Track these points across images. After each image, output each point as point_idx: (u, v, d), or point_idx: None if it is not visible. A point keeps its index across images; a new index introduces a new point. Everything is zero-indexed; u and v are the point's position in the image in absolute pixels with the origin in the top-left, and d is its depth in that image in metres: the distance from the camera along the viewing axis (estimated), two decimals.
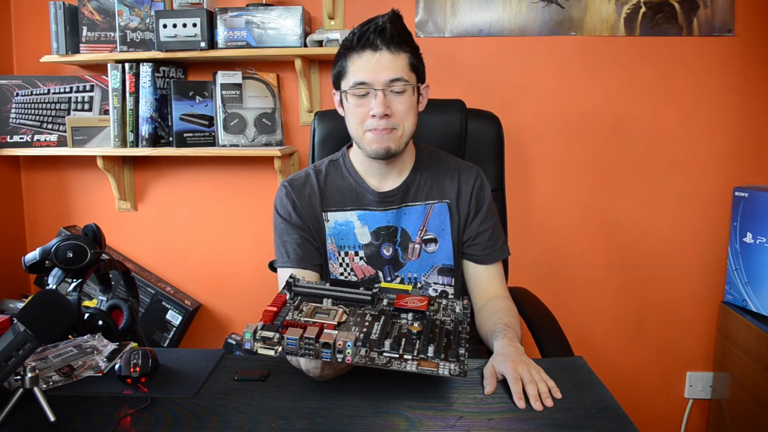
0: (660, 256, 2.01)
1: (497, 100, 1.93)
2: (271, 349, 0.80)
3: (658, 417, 2.07)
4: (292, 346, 0.79)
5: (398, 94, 1.13)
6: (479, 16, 1.94)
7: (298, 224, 1.22)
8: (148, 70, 1.91)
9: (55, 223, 2.10)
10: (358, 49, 1.13)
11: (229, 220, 2.12)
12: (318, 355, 0.79)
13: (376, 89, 1.12)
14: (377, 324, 0.88)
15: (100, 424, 0.83)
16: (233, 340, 2.07)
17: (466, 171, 1.27)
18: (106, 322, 1.17)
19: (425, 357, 0.82)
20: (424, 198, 1.24)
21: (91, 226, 1.24)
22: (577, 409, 0.86)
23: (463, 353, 0.83)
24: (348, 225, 1.23)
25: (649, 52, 1.91)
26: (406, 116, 1.15)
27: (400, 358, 0.81)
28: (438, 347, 0.83)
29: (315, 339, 0.79)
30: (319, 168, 1.28)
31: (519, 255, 1.32)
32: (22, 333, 0.82)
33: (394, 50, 1.12)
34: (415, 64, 1.16)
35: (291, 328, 0.81)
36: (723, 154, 1.94)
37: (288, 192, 1.24)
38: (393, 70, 1.12)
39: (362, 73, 1.12)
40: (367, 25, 1.12)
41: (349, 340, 0.79)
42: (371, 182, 1.24)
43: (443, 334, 0.87)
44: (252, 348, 0.81)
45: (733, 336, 1.86)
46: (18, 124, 2.00)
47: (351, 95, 1.15)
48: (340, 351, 0.79)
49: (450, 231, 1.24)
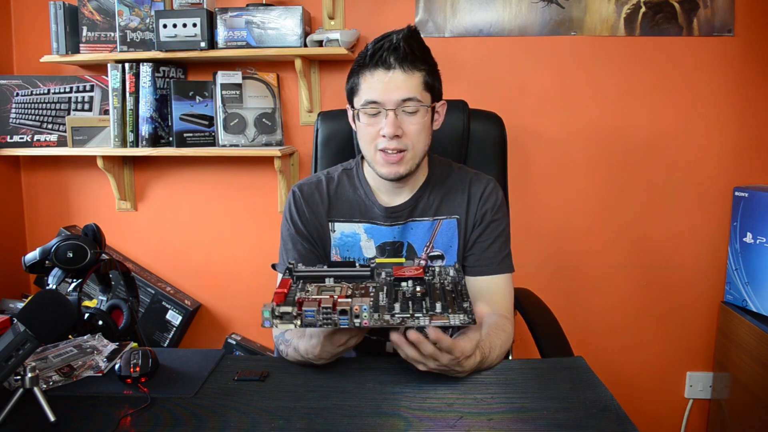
0: (660, 256, 2.00)
1: (497, 100, 1.93)
2: (290, 323, 0.83)
3: (658, 417, 2.07)
4: (310, 317, 0.83)
5: (410, 114, 1.09)
6: (479, 16, 1.94)
7: (303, 233, 1.21)
8: (148, 70, 1.91)
9: (55, 223, 2.10)
10: (371, 67, 1.09)
11: (229, 220, 2.12)
12: (336, 323, 0.83)
13: (388, 109, 1.08)
14: (382, 293, 0.91)
15: (100, 424, 0.83)
16: (233, 340, 2.07)
17: (476, 183, 1.23)
18: (106, 322, 1.17)
19: (435, 312, 0.86)
20: (433, 214, 1.21)
21: (91, 226, 1.24)
22: (577, 409, 0.86)
23: (467, 305, 0.88)
24: (355, 237, 1.22)
25: (649, 52, 1.91)
26: (418, 137, 1.11)
27: (411, 317, 0.85)
28: (444, 303, 0.88)
29: (332, 308, 0.83)
30: (332, 175, 1.25)
31: (520, 255, 1.32)
32: (22, 333, 0.82)
33: (407, 69, 1.08)
34: (430, 83, 1.12)
35: (307, 302, 0.84)
36: (723, 154, 1.94)
37: (297, 198, 1.23)
38: (405, 89, 1.08)
39: (374, 91, 1.09)
40: (382, 42, 1.08)
41: (364, 304, 0.83)
42: (382, 198, 1.21)
43: (445, 293, 0.92)
44: (272, 325, 0.84)
45: (733, 336, 1.86)
46: (18, 124, 2.00)
47: (362, 113, 1.12)
48: (357, 315, 0.83)
49: (457, 248, 1.21)
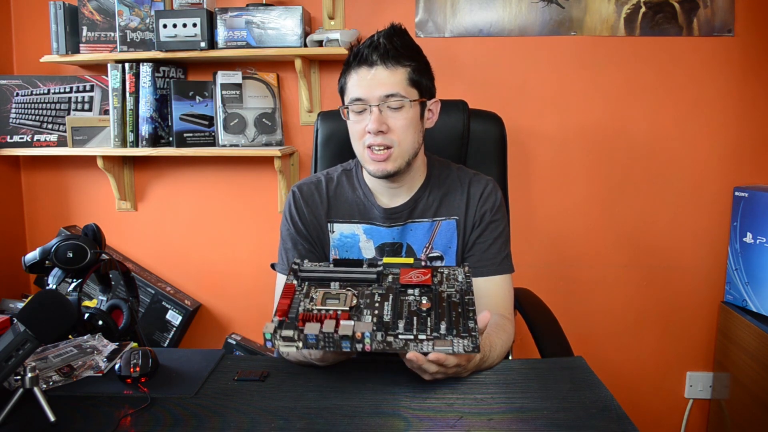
0: (660, 255, 2.00)
1: (497, 100, 1.93)
2: (292, 346, 0.82)
3: (658, 417, 2.07)
4: (312, 341, 0.82)
5: (395, 110, 1.11)
6: (479, 16, 1.94)
7: (303, 233, 1.22)
8: (148, 70, 1.91)
9: (55, 223, 2.10)
10: (355, 66, 1.12)
11: (229, 220, 2.12)
12: (338, 346, 0.82)
13: (372, 105, 1.10)
14: (387, 304, 0.90)
15: (100, 424, 0.83)
16: (233, 340, 2.07)
17: (476, 183, 1.23)
18: (106, 322, 1.17)
19: (439, 335, 0.84)
20: (432, 215, 1.22)
21: (91, 226, 1.24)
22: (577, 409, 0.86)
23: (473, 326, 0.86)
24: (354, 238, 1.22)
25: (649, 52, 1.91)
26: (404, 133, 1.12)
27: (415, 339, 0.83)
28: (449, 324, 0.86)
29: (333, 332, 0.82)
30: (331, 176, 1.26)
31: (520, 255, 1.32)
32: (22, 333, 0.82)
33: (390, 65, 1.10)
34: (416, 79, 1.13)
35: (309, 323, 0.83)
36: (723, 154, 1.94)
37: (297, 198, 1.23)
38: (389, 85, 1.10)
39: (358, 89, 1.11)
40: (367, 41, 1.12)
41: (366, 330, 0.81)
42: (381, 199, 1.22)
43: (451, 307, 0.90)
44: (273, 347, 0.83)
45: (733, 336, 1.86)
46: (18, 124, 2.00)
47: (351, 112, 1.14)
48: (359, 341, 0.82)
49: (456, 248, 1.22)
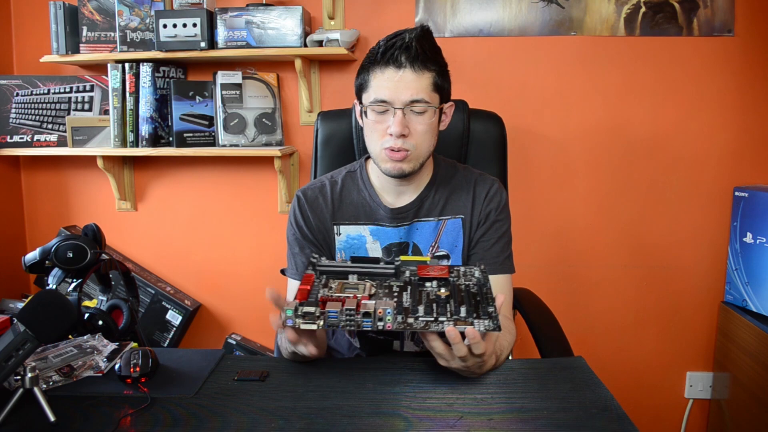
0: (660, 255, 2.01)
1: (497, 100, 1.93)
2: (313, 324, 0.83)
3: (658, 417, 2.07)
4: (333, 318, 0.82)
5: (418, 115, 1.10)
6: (479, 16, 1.94)
7: (309, 238, 1.22)
8: (148, 70, 1.91)
9: (55, 223, 2.10)
10: (382, 65, 1.09)
11: (229, 220, 2.12)
12: (359, 325, 0.82)
13: (396, 108, 1.09)
14: (405, 293, 0.90)
15: (100, 424, 0.83)
16: (233, 340, 2.07)
17: (481, 183, 1.23)
18: (106, 322, 1.17)
19: (459, 317, 0.85)
20: (438, 214, 1.22)
21: (91, 226, 1.24)
22: (577, 409, 0.86)
23: (492, 310, 0.86)
24: (360, 239, 1.22)
25: (649, 52, 1.91)
26: (424, 137, 1.12)
27: (435, 321, 0.84)
28: (469, 307, 0.86)
29: (355, 310, 0.82)
30: (336, 179, 1.26)
31: (520, 255, 1.32)
32: (22, 333, 0.82)
33: (418, 69, 1.08)
34: (440, 84, 1.12)
35: (330, 302, 0.84)
36: (723, 154, 1.94)
37: (302, 204, 1.23)
38: (415, 90, 1.08)
39: (383, 90, 1.09)
40: (394, 40, 1.08)
41: (388, 307, 0.82)
42: (386, 198, 1.22)
43: (470, 296, 0.90)
44: (294, 324, 0.83)
45: (733, 336, 1.86)
46: (18, 124, 2.00)
47: (371, 110, 1.12)
48: (380, 319, 0.82)
49: (462, 247, 1.22)
